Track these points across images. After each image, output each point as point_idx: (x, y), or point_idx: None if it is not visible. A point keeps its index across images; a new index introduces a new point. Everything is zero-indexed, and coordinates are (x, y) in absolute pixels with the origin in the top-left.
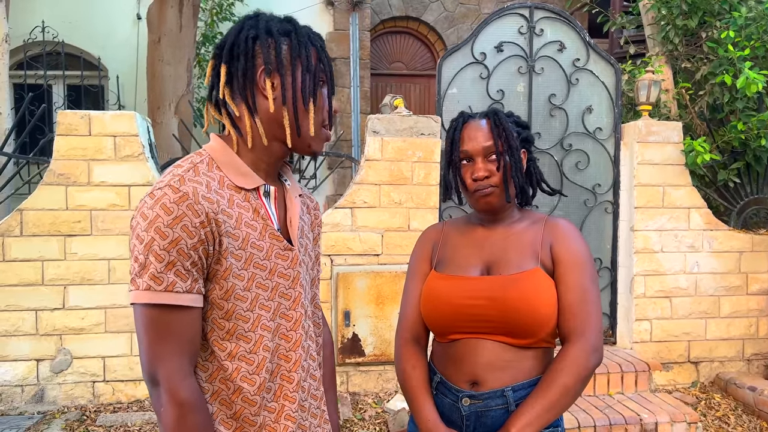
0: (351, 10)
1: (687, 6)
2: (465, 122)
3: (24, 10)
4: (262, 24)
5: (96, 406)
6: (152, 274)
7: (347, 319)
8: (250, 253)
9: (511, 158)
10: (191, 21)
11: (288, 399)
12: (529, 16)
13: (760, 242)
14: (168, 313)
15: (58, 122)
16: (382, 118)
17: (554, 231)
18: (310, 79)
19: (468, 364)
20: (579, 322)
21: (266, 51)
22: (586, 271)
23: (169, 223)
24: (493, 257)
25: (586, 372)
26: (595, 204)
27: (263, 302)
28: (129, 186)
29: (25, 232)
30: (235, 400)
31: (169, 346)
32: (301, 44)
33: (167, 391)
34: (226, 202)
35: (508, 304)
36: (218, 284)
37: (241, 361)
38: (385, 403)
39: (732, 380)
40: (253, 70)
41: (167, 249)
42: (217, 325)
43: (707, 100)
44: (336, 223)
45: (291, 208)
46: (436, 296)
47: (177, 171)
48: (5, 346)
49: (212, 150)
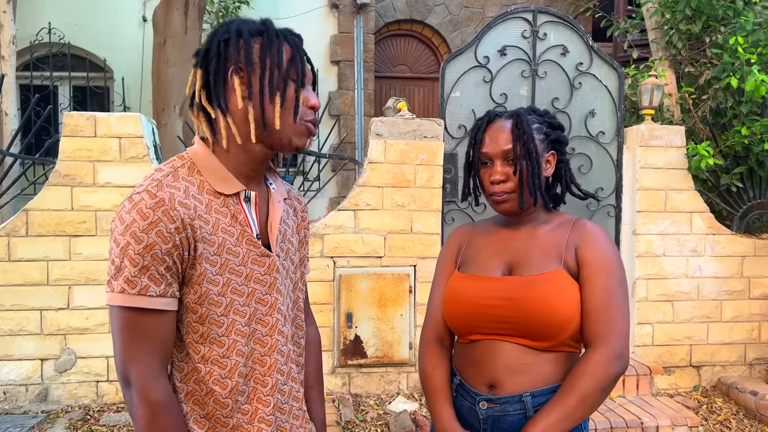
0: (355, 13)
1: (691, 11)
2: (490, 122)
3: (31, 12)
4: (234, 27)
5: (99, 406)
6: (126, 278)
7: (349, 320)
8: (225, 259)
9: (529, 163)
10: (197, 23)
11: (262, 402)
12: (533, 20)
13: (762, 247)
14: (141, 316)
15: (63, 123)
16: (385, 120)
17: (581, 233)
18: (279, 75)
19: (487, 366)
20: (603, 327)
21: (236, 51)
22: (614, 274)
23: (144, 228)
24: (515, 258)
25: (609, 379)
26: (598, 208)
27: (238, 308)
28: (133, 187)
29: (31, 233)
30: (207, 402)
31: (141, 348)
32: (271, 42)
33: (139, 391)
34: (204, 208)
35: (527, 305)
36: (193, 289)
37: (213, 364)
38: (386, 405)
39: (734, 384)
40: (225, 71)
41: (142, 254)
42: (192, 328)
43: (710, 104)
44: (339, 225)
45: (272, 213)
46: (457, 296)
47: (156, 175)
48: (10, 345)
49: (194, 154)
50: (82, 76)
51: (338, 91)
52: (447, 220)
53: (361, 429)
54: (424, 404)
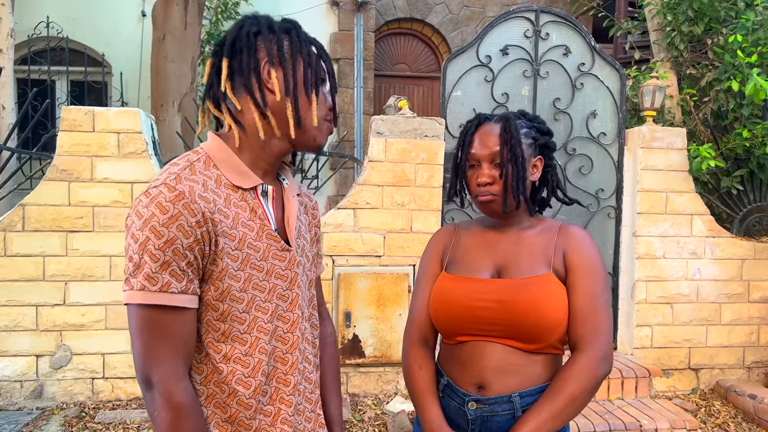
0: (356, 11)
1: (693, 12)
2: (479, 125)
3: (29, 5)
4: (264, 21)
5: (95, 403)
6: (147, 274)
7: (348, 320)
8: (246, 254)
9: (515, 168)
10: (196, 19)
11: (284, 402)
12: (535, 19)
13: (762, 250)
14: (163, 314)
15: (61, 118)
16: (386, 119)
17: (568, 238)
18: (311, 73)
19: (475, 367)
20: (589, 330)
21: (268, 45)
22: (599, 279)
23: (164, 222)
24: (504, 261)
25: (595, 381)
26: (598, 209)
27: (260, 304)
28: (132, 183)
29: (27, 228)
30: (230, 404)
31: (163, 348)
32: (302, 41)
33: (162, 394)
34: (222, 202)
35: (518, 308)
36: (213, 285)
37: (236, 363)
38: (384, 405)
39: (732, 387)
40: (257, 63)
41: (162, 249)
42: (212, 326)
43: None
44: (338, 224)
45: (288, 208)
46: (446, 297)
47: (173, 169)
48: (5, 341)
49: (210, 148)
50: (80, 70)
51: (338, 88)
52: (447, 220)
53: (359, 429)
54: None
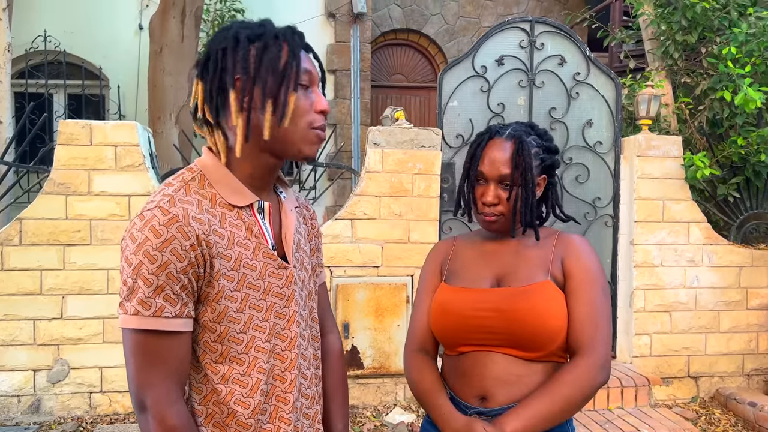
0: (352, 22)
1: (687, 21)
2: (490, 138)
3: (27, 19)
4: (231, 33)
5: (93, 417)
6: (140, 299)
7: (346, 331)
8: (242, 274)
9: (524, 191)
10: (193, 32)
11: (284, 420)
12: (530, 30)
13: (759, 257)
14: (156, 338)
15: (59, 131)
16: (383, 130)
17: (566, 246)
18: (273, 81)
19: (477, 378)
20: (588, 337)
21: (233, 61)
22: (598, 285)
23: (158, 246)
24: (503, 270)
25: (591, 389)
26: (595, 217)
27: (257, 323)
28: (129, 196)
29: (24, 242)
30: (229, 424)
31: (157, 372)
32: (267, 46)
33: (155, 417)
34: (218, 222)
35: (517, 316)
36: (210, 307)
37: (234, 384)
38: (383, 416)
39: (732, 395)
40: (223, 83)
41: (156, 273)
42: (210, 348)
43: (707, 114)
44: (336, 235)
45: (286, 223)
46: (446, 308)
47: (167, 190)
48: (2, 355)
49: (204, 166)
50: (78, 84)
51: (335, 100)
52: (444, 230)
53: None
54: (421, 415)
